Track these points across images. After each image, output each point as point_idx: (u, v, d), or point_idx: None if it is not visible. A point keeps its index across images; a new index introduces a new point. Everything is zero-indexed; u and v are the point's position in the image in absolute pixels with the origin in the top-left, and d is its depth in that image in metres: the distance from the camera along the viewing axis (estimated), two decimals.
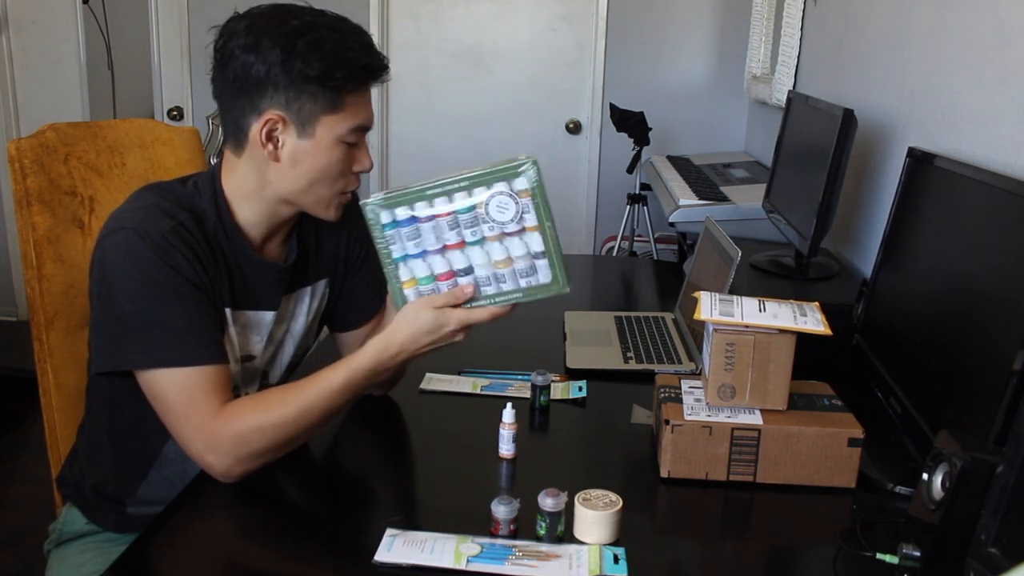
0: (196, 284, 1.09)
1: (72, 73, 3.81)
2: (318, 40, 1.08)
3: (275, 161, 1.13)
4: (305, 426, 1.09)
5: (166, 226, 1.08)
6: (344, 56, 1.09)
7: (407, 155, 3.92)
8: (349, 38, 1.11)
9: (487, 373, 1.49)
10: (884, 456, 1.18)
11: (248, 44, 1.08)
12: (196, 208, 1.15)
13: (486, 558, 0.95)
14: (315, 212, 1.19)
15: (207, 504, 1.09)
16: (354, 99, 1.12)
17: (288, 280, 1.25)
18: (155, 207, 1.10)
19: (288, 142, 1.12)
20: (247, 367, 1.22)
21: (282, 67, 1.08)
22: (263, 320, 1.22)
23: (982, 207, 1.15)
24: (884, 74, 1.85)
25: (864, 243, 1.87)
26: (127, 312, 1.06)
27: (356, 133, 1.14)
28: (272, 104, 1.10)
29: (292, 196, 1.16)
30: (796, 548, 1.07)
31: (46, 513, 1.43)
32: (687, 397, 1.18)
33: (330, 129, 1.12)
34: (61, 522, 1.30)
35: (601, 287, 2.34)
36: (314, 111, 1.10)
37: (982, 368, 1.05)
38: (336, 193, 1.18)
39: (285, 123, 1.11)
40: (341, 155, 1.14)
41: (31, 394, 1.42)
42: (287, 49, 1.07)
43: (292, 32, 1.08)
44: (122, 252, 1.06)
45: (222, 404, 1.07)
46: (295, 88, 1.09)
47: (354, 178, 1.19)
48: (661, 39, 3.65)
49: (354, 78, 1.11)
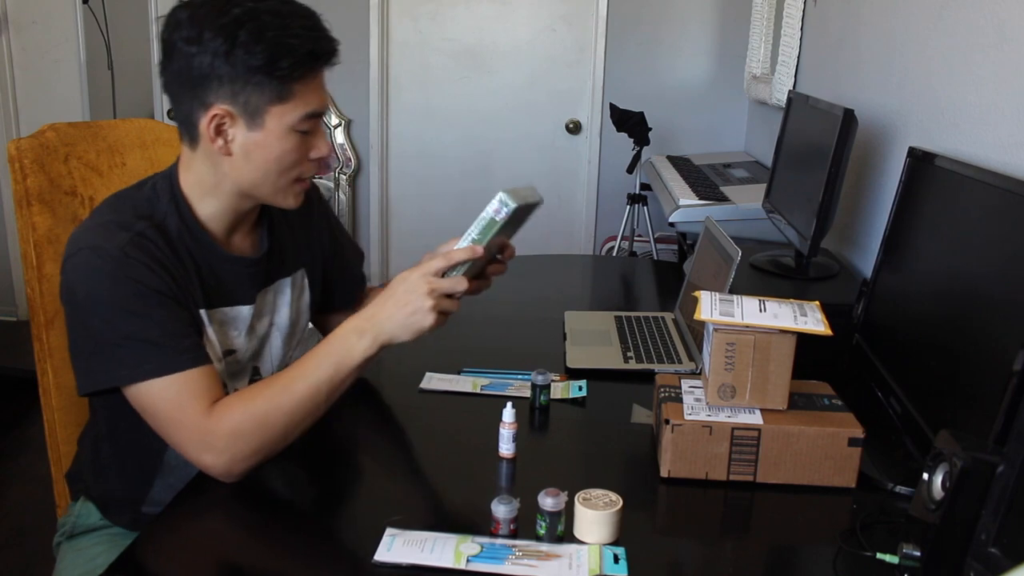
0: (164, 292, 1.07)
1: (72, 73, 3.81)
2: (260, 28, 1.05)
3: (227, 155, 1.11)
4: (298, 412, 1.09)
5: (124, 240, 1.06)
6: (287, 43, 1.06)
7: (407, 155, 3.92)
8: (293, 23, 1.07)
9: (487, 373, 1.49)
10: (884, 456, 1.18)
11: (191, 36, 1.06)
12: (155, 213, 1.13)
13: (486, 558, 0.95)
14: (274, 202, 1.17)
15: (207, 503, 1.08)
16: (303, 86, 1.09)
17: (263, 273, 1.25)
18: (111, 222, 1.09)
19: (238, 135, 1.10)
20: (229, 361, 1.21)
21: (225, 59, 1.05)
22: (240, 315, 1.22)
23: (982, 207, 1.15)
24: (884, 74, 1.85)
25: (864, 243, 1.87)
26: (101, 332, 1.06)
27: (308, 120, 1.12)
28: (218, 98, 1.07)
29: (249, 188, 1.15)
30: (796, 548, 1.07)
31: (46, 513, 1.43)
32: (687, 397, 1.18)
33: (280, 119, 1.09)
34: (75, 515, 1.30)
35: (601, 287, 2.34)
36: (261, 102, 1.08)
37: (982, 368, 1.05)
38: (292, 181, 1.15)
39: (233, 117, 1.09)
40: (294, 144, 1.12)
41: (31, 394, 1.42)
42: (229, 40, 1.04)
43: (233, 22, 1.04)
44: (84, 274, 1.06)
45: (211, 404, 1.07)
46: (240, 80, 1.06)
47: (311, 165, 1.16)
48: (661, 39, 3.65)
49: (300, 66, 1.07)
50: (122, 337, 1.06)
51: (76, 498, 1.33)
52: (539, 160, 3.85)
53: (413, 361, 1.51)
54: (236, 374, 1.23)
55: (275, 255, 1.27)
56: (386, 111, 3.87)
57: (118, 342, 1.06)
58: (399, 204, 3.99)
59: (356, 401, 1.39)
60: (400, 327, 1.10)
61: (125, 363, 1.06)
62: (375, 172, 3.89)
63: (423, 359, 1.52)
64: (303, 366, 1.10)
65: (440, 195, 3.91)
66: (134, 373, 1.06)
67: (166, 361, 1.06)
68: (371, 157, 3.88)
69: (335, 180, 3.88)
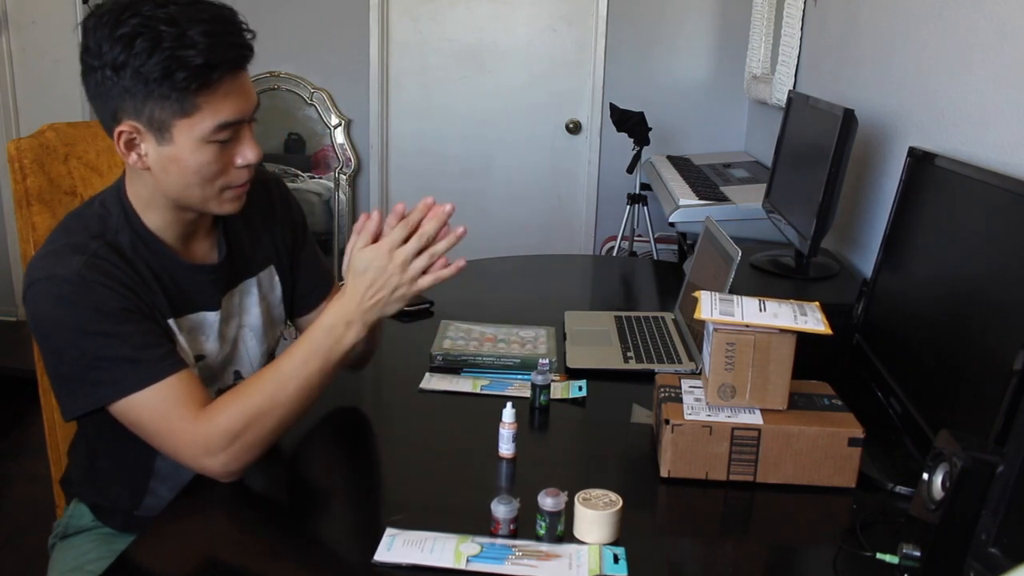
0: (127, 308, 1.06)
1: (72, 73, 3.79)
2: (155, 39, 0.99)
3: (145, 169, 1.08)
4: (292, 406, 1.08)
5: (78, 263, 1.05)
6: (182, 55, 1.00)
7: (407, 155, 3.92)
8: (190, 31, 1.00)
9: (487, 373, 1.49)
10: (884, 456, 1.18)
11: (92, 48, 1.02)
12: (107, 230, 1.11)
13: (486, 558, 0.95)
14: (209, 211, 1.14)
15: (206, 504, 1.08)
16: (207, 97, 1.03)
17: (225, 279, 1.23)
18: (64, 247, 1.07)
19: (150, 150, 1.06)
20: (201, 367, 1.20)
21: (123, 73, 1.01)
22: (206, 320, 1.20)
23: (982, 207, 1.15)
24: (884, 74, 1.85)
25: (864, 243, 1.87)
26: (73, 357, 1.05)
27: (223, 130, 1.06)
28: (124, 113, 1.04)
29: (177, 198, 1.12)
30: (796, 548, 1.07)
31: (46, 513, 1.43)
32: (687, 397, 1.18)
33: (188, 132, 1.05)
34: (68, 516, 1.30)
35: (601, 287, 2.34)
36: (165, 116, 1.03)
37: (982, 368, 1.05)
38: (219, 191, 1.11)
39: (140, 132, 1.05)
40: (212, 155, 1.07)
41: (31, 394, 1.42)
42: (124, 52, 1.00)
43: (129, 33, 1.00)
44: (45, 304, 1.05)
45: (200, 407, 1.06)
46: (140, 95, 1.02)
47: (239, 172, 1.11)
48: (661, 39, 3.65)
49: (196, 79, 1.01)
50: (94, 359, 1.05)
51: (70, 501, 1.33)
52: (539, 160, 3.85)
53: (413, 361, 1.51)
54: (209, 379, 1.22)
55: (236, 258, 1.25)
56: (386, 111, 3.87)
57: (92, 364, 1.05)
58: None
59: (356, 401, 1.40)
60: (385, 306, 1.09)
61: (103, 383, 1.05)
62: (375, 172, 3.89)
63: (423, 359, 1.52)
64: (292, 360, 1.09)
65: (440, 195, 3.82)
66: (114, 391, 1.05)
67: (144, 374, 1.05)
68: (371, 157, 3.88)
69: (335, 180, 3.88)
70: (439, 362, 1.51)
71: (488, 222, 3.86)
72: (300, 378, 1.08)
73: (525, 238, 3.83)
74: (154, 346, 1.07)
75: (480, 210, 3.87)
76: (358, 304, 1.09)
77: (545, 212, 3.90)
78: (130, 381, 1.05)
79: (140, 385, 1.05)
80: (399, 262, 1.08)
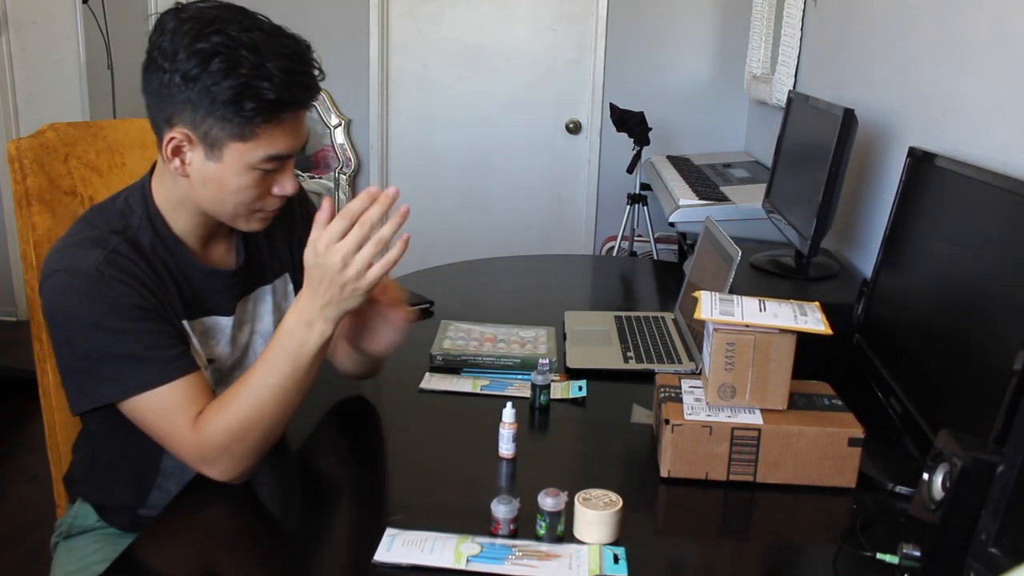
0: (143, 307, 1.06)
1: (72, 73, 3.80)
2: (233, 63, 1.01)
3: (185, 177, 1.09)
4: (274, 412, 1.06)
5: (98, 257, 1.05)
6: (256, 86, 1.01)
7: (407, 155, 3.92)
8: (269, 63, 1.02)
9: (487, 373, 1.49)
10: (884, 456, 1.18)
11: (166, 51, 1.03)
12: (129, 228, 1.12)
13: (486, 558, 0.95)
14: (235, 226, 1.15)
15: (206, 504, 1.08)
16: (268, 129, 1.05)
17: (240, 284, 1.23)
18: (84, 239, 1.08)
19: (196, 161, 1.07)
20: (212, 370, 1.20)
21: (193, 86, 1.02)
22: (219, 324, 1.21)
23: (982, 207, 1.15)
24: (884, 74, 1.85)
25: (864, 243, 1.87)
26: (85, 351, 1.05)
27: (271, 161, 1.08)
28: (181, 120, 1.05)
29: (208, 211, 1.13)
30: (796, 548, 1.07)
31: (46, 513, 1.43)
32: (687, 397, 1.18)
33: (239, 156, 1.06)
34: (72, 515, 1.30)
35: (601, 287, 2.34)
36: (221, 136, 1.05)
37: (982, 368, 1.05)
38: (252, 212, 1.13)
39: (192, 141, 1.06)
40: (254, 181, 1.09)
41: (31, 394, 1.42)
42: (200, 67, 1.01)
43: (209, 51, 1.01)
44: (61, 295, 1.05)
45: (198, 414, 1.06)
46: (203, 109, 1.03)
47: (273, 200, 1.13)
48: (661, 39, 3.65)
49: (264, 112, 1.03)
50: (105, 355, 1.05)
51: (73, 500, 1.33)
52: (539, 160, 3.85)
53: (413, 361, 1.51)
54: (219, 382, 1.22)
55: (253, 264, 1.26)
56: (386, 111, 3.87)
57: (102, 359, 1.05)
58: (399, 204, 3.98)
59: (356, 401, 1.40)
60: (343, 303, 1.06)
61: (112, 380, 1.05)
62: (375, 172, 3.89)
63: (423, 359, 1.52)
64: (263, 369, 1.07)
65: (440, 195, 3.91)
66: (122, 389, 1.05)
67: (153, 375, 1.05)
68: (371, 157, 3.88)
69: (335, 180, 3.88)
70: (439, 362, 1.51)
71: (488, 222, 3.86)
72: (274, 385, 1.07)
73: (525, 238, 3.83)
74: (165, 347, 1.07)
75: (480, 210, 3.87)
76: (312, 302, 1.07)
77: (545, 212, 3.90)
78: (138, 381, 1.05)
79: (147, 386, 1.05)
80: (339, 258, 1.03)
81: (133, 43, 3.91)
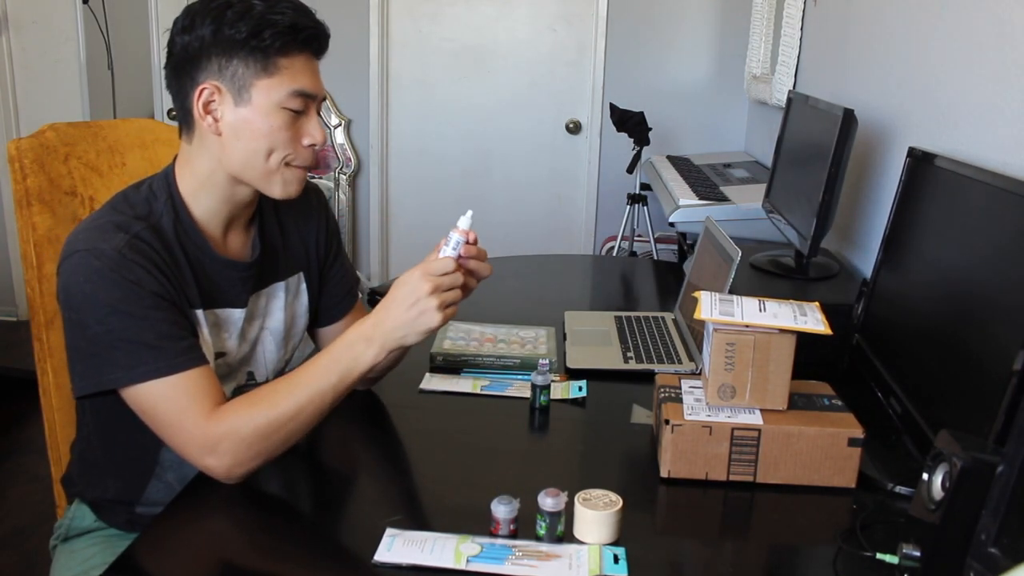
0: (160, 295, 1.07)
1: (72, 73, 3.81)
2: (247, 7, 1.09)
3: (217, 135, 1.13)
4: (301, 419, 1.08)
5: (121, 241, 1.07)
6: (270, 19, 1.09)
7: (407, 155, 3.92)
8: (280, 3, 1.11)
9: (487, 373, 1.49)
10: (884, 456, 1.18)
11: (184, 26, 1.11)
12: (152, 214, 1.14)
13: (486, 558, 0.95)
14: (264, 188, 1.17)
15: (207, 504, 1.08)
16: (288, 61, 1.11)
17: (255, 278, 1.24)
18: (108, 223, 1.09)
19: (226, 112, 1.12)
20: (219, 364, 1.21)
21: (213, 38, 1.09)
22: (231, 317, 1.22)
23: (982, 207, 1.15)
24: (884, 74, 1.85)
25: (864, 243, 1.87)
26: (98, 333, 1.05)
27: (298, 99, 1.12)
28: (207, 75, 1.11)
29: (240, 171, 1.15)
30: (796, 548, 1.07)
31: (46, 513, 1.43)
32: (687, 397, 1.18)
33: (266, 94, 1.11)
34: (70, 517, 1.30)
35: (601, 287, 2.34)
36: (247, 76, 1.10)
37: (982, 368, 1.05)
38: (281, 163, 1.15)
39: (220, 92, 1.11)
40: (283, 122, 1.12)
41: (31, 394, 1.42)
42: (216, 22, 1.09)
43: (223, 5, 1.09)
44: (81, 275, 1.05)
45: (214, 406, 1.06)
46: (226, 56, 1.09)
47: (304, 151, 1.16)
48: (661, 39, 3.65)
49: (281, 37, 1.10)
50: (117, 339, 1.05)
51: (71, 501, 1.33)
52: (539, 160, 3.85)
53: (413, 361, 1.51)
54: (225, 376, 1.22)
55: (268, 259, 1.27)
56: (386, 111, 3.87)
57: (114, 344, 1.05)
58: (399, 204, 3.99)
59: (356, 401, 1.40)
60: (408, 330, 1.08)
61: (121, 365, 1.06)
62: (375, 172, 3.89)
63: (423, 359, 1.52)
64: (308, 373, 1.09)
65: (440, 195, 3.91)
66: (130, 375, 1.06)
67: (163, 363, 1.05)
68: (371, 157, 3.88)
69: (335, 180, 3.88)
70: (439, 362, 1.51)
71: (488, 222, 3.86)
72: (313, 392, 1.08)
73: (525, 238, 3.83)
74: (178, 337, 1.08)
75: (480, 210, 3.86)
76: (379, 321, 1.09)
77: (545, 212, 3.90)
78: (147, 368, 1.05)
79: (156, 374, 1.05)
80: (431, 288, 1.07)
81: (133, 43, 3.91)
